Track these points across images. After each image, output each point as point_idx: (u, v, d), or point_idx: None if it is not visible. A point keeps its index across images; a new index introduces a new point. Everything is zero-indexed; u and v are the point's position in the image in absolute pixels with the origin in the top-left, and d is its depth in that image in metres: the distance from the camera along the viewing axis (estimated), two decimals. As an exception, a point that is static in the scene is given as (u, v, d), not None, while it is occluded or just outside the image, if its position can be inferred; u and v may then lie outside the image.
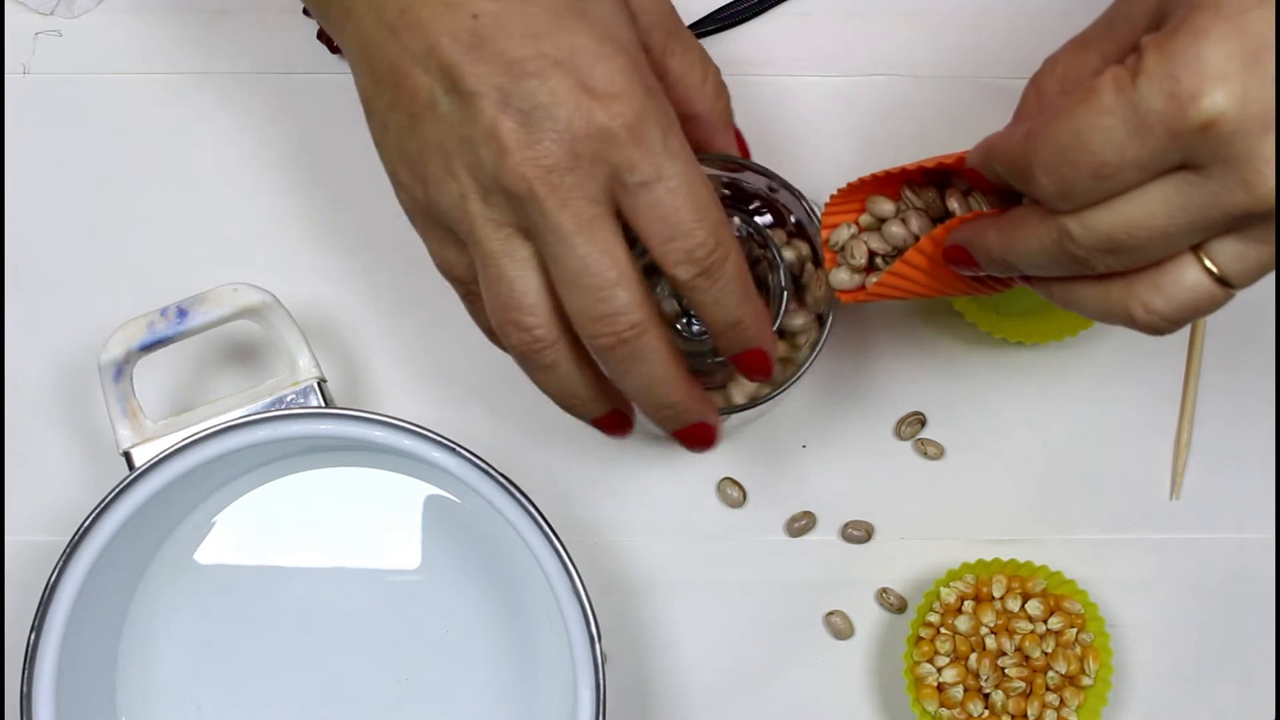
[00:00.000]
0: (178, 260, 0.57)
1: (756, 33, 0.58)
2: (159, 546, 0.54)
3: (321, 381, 0.51)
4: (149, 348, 0.50)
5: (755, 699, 0.55)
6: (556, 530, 0.48)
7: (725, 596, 0.55)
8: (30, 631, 0.48)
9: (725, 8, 0.58)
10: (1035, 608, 0.52)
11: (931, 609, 0.53)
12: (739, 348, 0.44)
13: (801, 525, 0.55)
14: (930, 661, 0.52)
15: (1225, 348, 0.56)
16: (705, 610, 0.55)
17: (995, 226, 0.41)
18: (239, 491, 0.54)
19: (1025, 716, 0.52)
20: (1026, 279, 0.42)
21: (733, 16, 0.58)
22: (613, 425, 0.46)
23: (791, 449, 0.56)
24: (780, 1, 0.58)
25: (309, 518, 0.54)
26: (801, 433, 0.56)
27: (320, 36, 0.57)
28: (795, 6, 0.58)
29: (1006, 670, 0.52)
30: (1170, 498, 0.56)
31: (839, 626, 0.55)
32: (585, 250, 0.40)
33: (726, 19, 0.58)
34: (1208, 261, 0.37)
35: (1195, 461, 0.56)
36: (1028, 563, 0.54)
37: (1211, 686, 0.55)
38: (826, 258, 0.47)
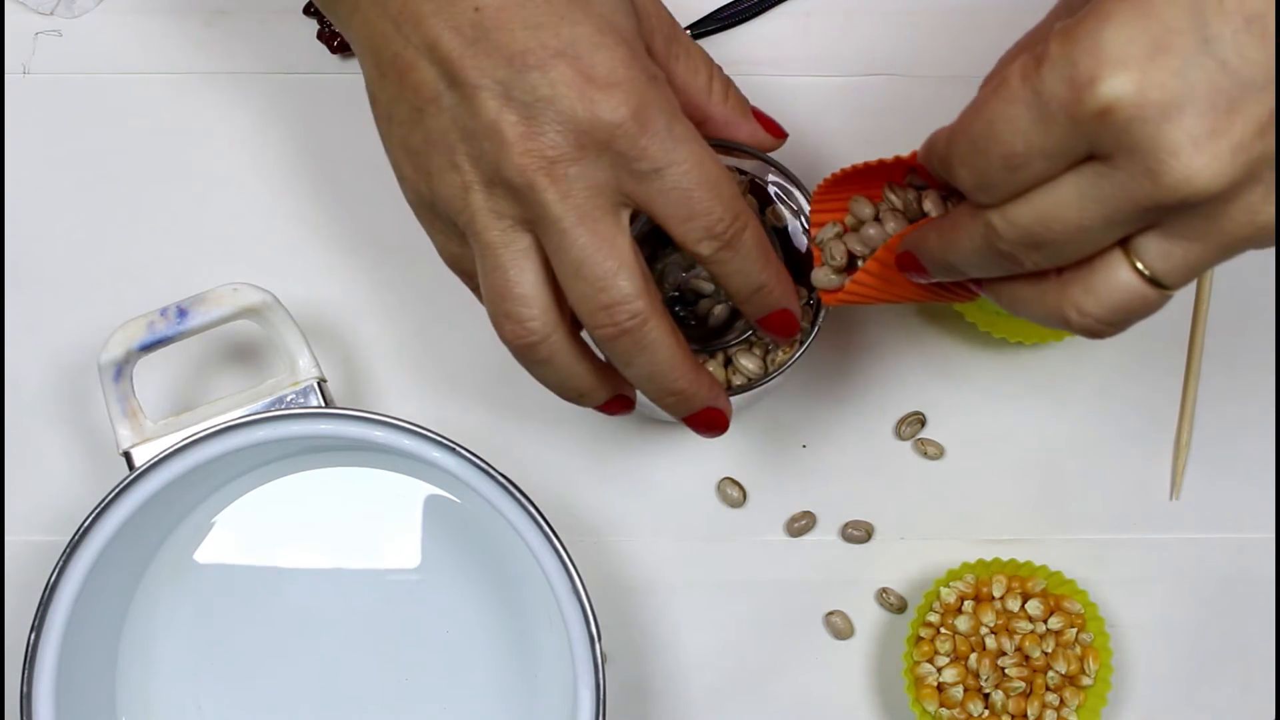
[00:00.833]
0: (178, 260, 0.57)
1: (756, 33, 0.58)
2: (159, 546, 0.54)
3: (321, 381, 0.51)
4: (149, 348, 0.50)
5: (755, 699, 0.55)
6: (556, 530, 0.48)
7: (725, 596, 0.55)
8: (30, 631, 0.48)
9: (725, 8, 0.58)
10: (1035, 608, 0.52)
11: (931, 609, 0.53)
12: (765, 310, 0.44)
13: (801, 525, 0.55)
14: (930, 661, 0.52)
15: (1225, 348, 0.56)
16: (705, 610, 0.55)
17: (935, 228, 0.40)
18: (239, 491, 0.54)
19: (1025, 716, 0.52)
20: (977, 283, 0.41)
21: (733, 16, 0.58)
22: (613, 408, 0.46)
23: (791, 449, 0.56)
24: (780, 1, 0.58)
25: (309, 518, 0.54)
26: (801, 433, 0.56)
27: (320, 36, 0.57)
28: (795, 6, 0.58)
29: (1006, 670, 0.52)
30: (1170, 498, 0.56)
31: (839, 626, 0.55)
32: (587, 241, 0.40)
33: (726, 19, 0.58)
34: (1136, 260, 0.36)
35: (1195, 461, 0.56)
36: (1028, 563, 0.54)
37: (1211, 686, 0.55)
38: (815, 255, 0.47)
